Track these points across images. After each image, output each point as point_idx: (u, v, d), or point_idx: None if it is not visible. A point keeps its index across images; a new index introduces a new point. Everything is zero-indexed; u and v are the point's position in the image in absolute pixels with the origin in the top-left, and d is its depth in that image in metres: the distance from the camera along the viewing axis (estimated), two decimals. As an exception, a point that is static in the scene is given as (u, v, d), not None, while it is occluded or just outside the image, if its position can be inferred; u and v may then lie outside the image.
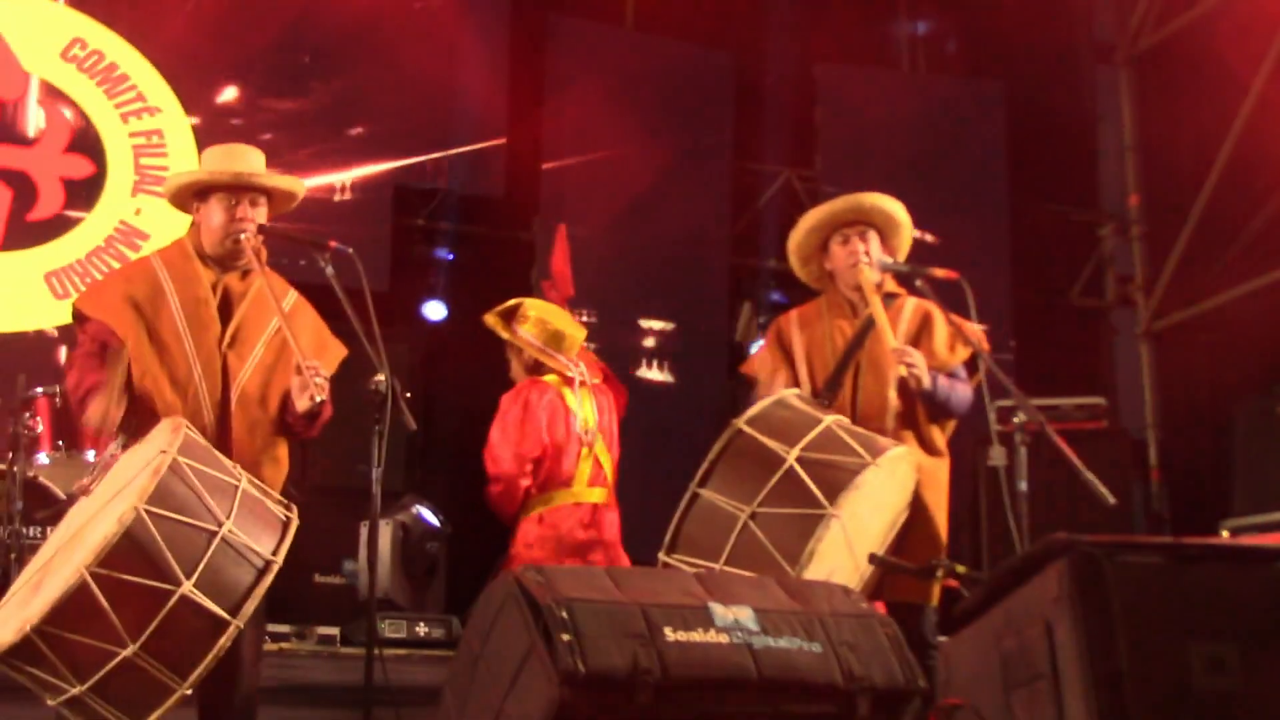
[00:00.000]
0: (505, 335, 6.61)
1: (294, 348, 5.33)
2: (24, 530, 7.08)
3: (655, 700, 3.77)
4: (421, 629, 8.03)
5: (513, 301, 6.68)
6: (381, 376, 5.23)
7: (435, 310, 10.21)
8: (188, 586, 4.47)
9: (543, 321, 6.59)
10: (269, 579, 4.69)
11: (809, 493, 5.17)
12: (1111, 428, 9.90)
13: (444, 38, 9.93)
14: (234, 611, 4.56)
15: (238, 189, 5.48)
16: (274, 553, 4.73)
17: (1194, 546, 3.86)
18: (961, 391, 5.94)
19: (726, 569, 5.09)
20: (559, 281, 7.05)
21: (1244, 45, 10.55)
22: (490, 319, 6.63)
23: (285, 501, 5.01)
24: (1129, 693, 3.50)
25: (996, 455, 6.28)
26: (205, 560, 4.52)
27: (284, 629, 8.16)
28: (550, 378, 6.53)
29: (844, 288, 6.12)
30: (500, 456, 6.43)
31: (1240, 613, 3.68)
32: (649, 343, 9.83)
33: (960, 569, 5.19)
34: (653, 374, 9.63)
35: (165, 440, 4.72)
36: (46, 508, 7.35)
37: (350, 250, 5.41)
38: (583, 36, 9.92)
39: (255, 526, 4.74)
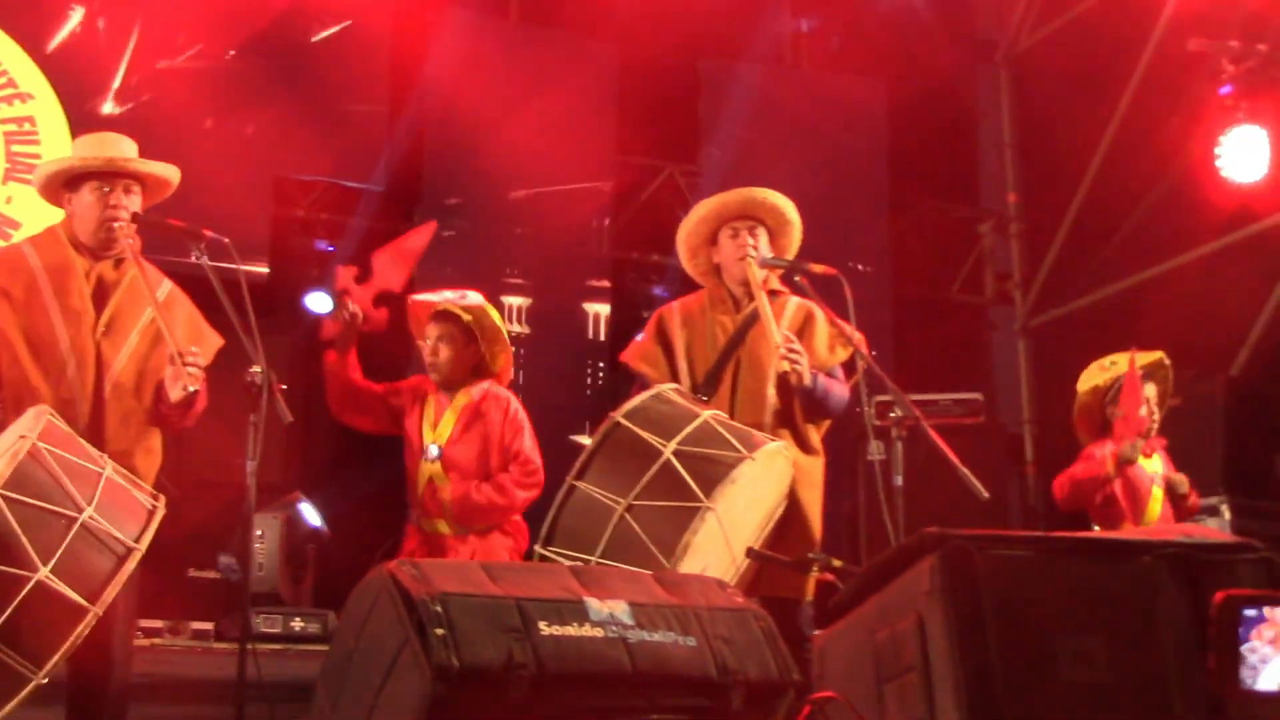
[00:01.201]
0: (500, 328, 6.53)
1: (168, 337, 5.26)
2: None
3: (530, 695, 3.75)
4: (297, 624, 7.93)
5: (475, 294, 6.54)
6: (258, 368, 5.17)
7: (319, 302, 10.09)
8: (44, 573, 4.40)
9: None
10: (130, 565, 4.62)
11: (685, 486, 5.18)
12: (988, 423, 10.00)
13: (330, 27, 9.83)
14: (92, 598, 4.49)
15: (110, 176, 5.41)
16: (137, 540, 4.66)
17: (1063, 541, 3.91)
18: (839, 391, 5.98)
19: (602, 562, 5.08)
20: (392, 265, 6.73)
21: (1120, 46, 10.71)
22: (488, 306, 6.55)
23: (154, 492, 4.95)
24: (998, 685, 3.55)
25: (874, 450, 6.35)
26: (64, 546, 4.45)
27: (157, 624, 8.03)
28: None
29: (729, 282, 6.14)
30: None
31: (1107, 606, 3.73)
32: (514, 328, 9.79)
33: (836, 563, 5.23)
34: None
35: (26, 426, 4.65)
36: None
37: (226, 240, 5.35)
38: (467, 27, 9.85)
39: (118, 513, 4.67)
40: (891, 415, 6.18)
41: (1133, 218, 11.00)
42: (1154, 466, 6.94)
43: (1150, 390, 7.04)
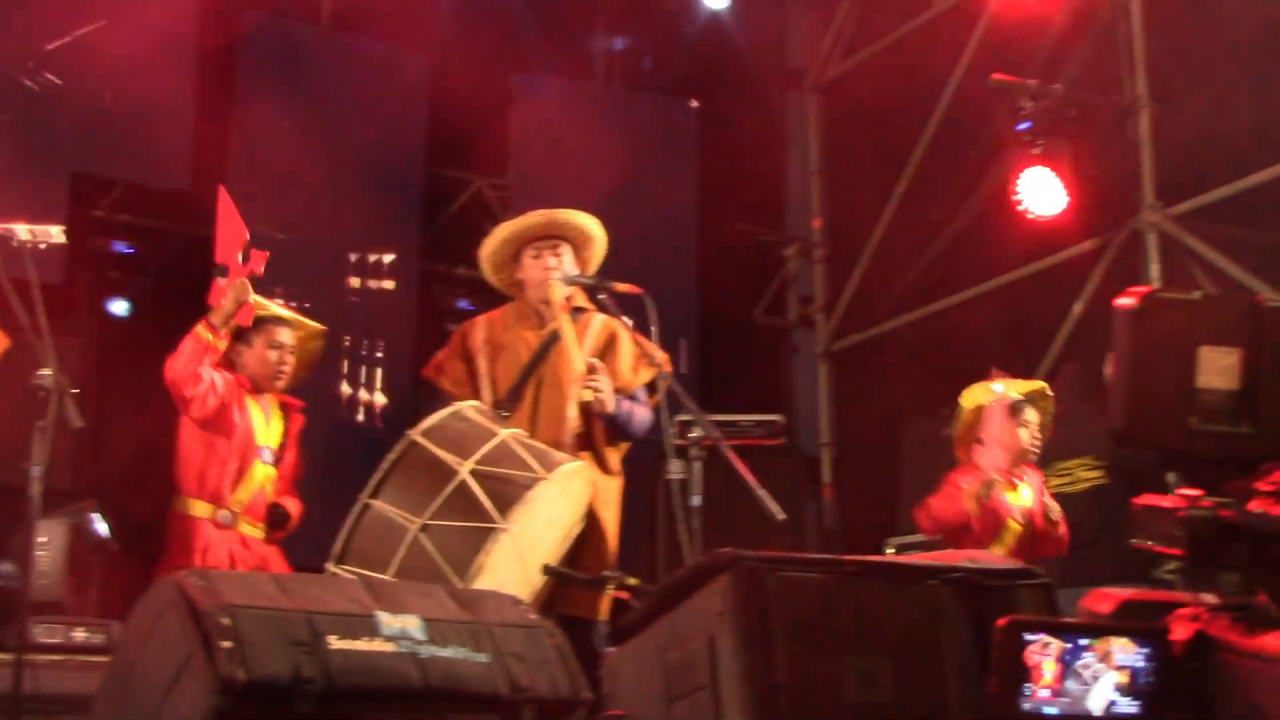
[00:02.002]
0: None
1: None
2: None
3: (317, 709, 3.70)
4: (79, 635, 7.70)
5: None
6: (46, 371, 5.05)
7: (119, 306, 9.84)
8: None
9: None
10: None
11: (480, 506, 5.17)
12: (788, 445, 10.10)
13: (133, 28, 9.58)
14: None
15: None
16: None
17: (852, 564, 3.97)
18: (641, 415, 6.01)
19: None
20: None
21: (926, 77, 10.91)
22: None
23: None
24: (785, 705, 3.58)
25: (675, 469, 6.37)
26: None
27: (-70, 633, 7.76)
28: None
29: (533, 299, 6.14)
30: None
31: (893, 629, 3.80)
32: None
33: (631, 581, 5.27)
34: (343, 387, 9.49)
35: None
36: None
37: (16, 241, 5.22)
38: (275, 32, 9.69)
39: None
40: (691, 435, 6.23)
41: (934, 246, 11.22)
42: (1020, 498, 7.00)
43: (1032, 416, 7.12)
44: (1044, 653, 2.30)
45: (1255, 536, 2.39)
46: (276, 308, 6.52)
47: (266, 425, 6.34)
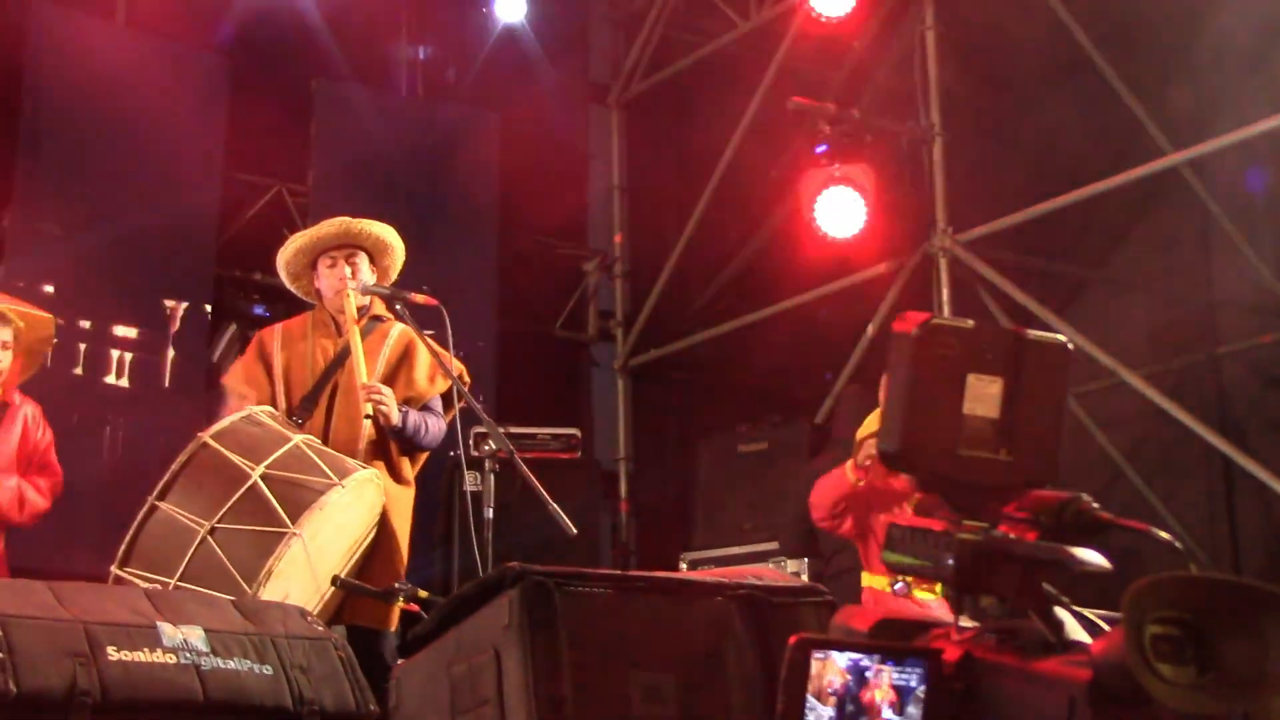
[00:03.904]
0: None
1: None
2: None
3: (94, 722, 3.63)
4: None
5: None
6: None
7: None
8: None
9: None
10: None
11: (272, 510, 5.12)
12: (585, 458, 10.14)
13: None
14: None
15: None
16: None
17: (640, 579, 4.00)
18: (433, 426, 5.99)
19: (181, 585, 4.97)
20: None
21: (728, 97, 11.06)
22: None
23: None
24: (570, 719, 3.60)
25: (470, 480, 6.37)
26: None
27: None
28: None
29: (330, 308, 6.11)
30: None
31: (680, 644, 3.84)
32: (120, 352, 9.42)
33: (422, 594, 5.25)
34: (121, 382, 9.26)
35: None
36: None
37: None
38: (68, 26, 9.43)
39: None
40: (486, 447, 6.23)
41: (732, 264, 11.36)
42: None
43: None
44: (831, 671, 2.35)
45: (1025, 561, 2.47)
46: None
47: None
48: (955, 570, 2.38)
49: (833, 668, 2.34)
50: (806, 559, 8.32)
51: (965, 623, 2.46)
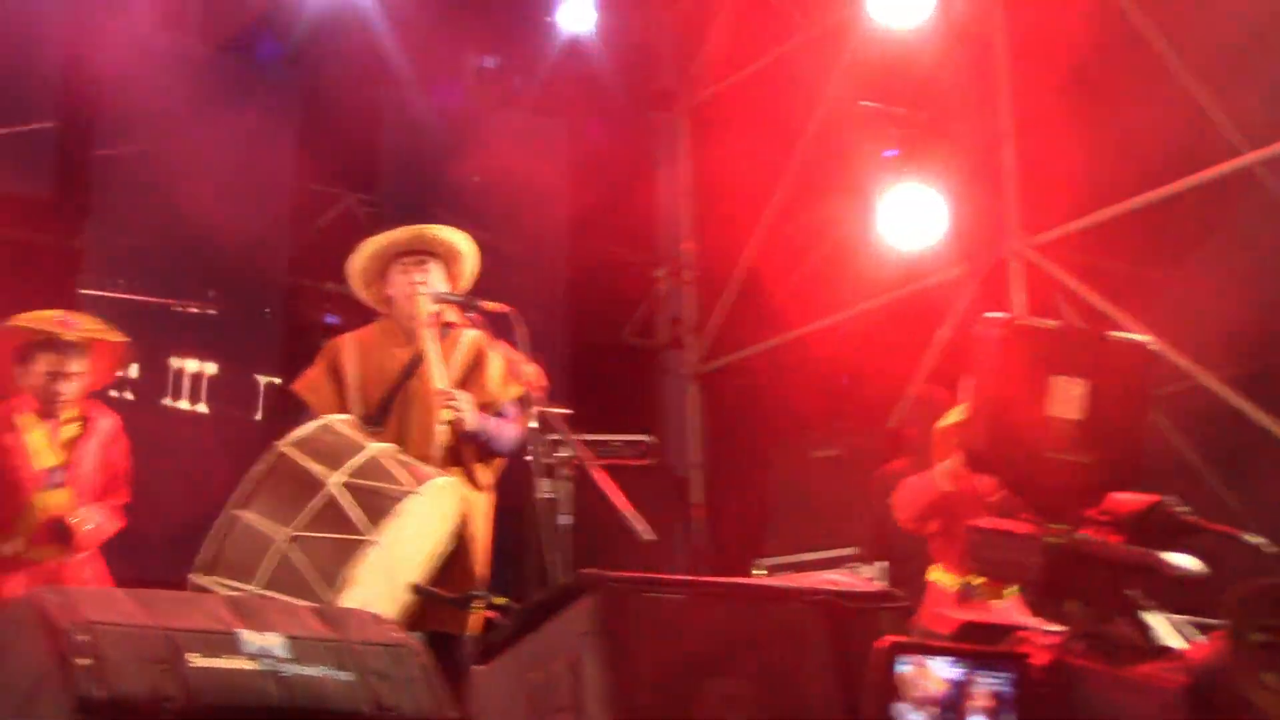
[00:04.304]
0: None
1: None
2: None
3: (176, 728, 3.66)
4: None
5: None
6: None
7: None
8: None
9: None
10: None
11: (349, 519, 5.15)
12: (658, 465, 10.15)
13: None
14: None
15: None
16: None
17: (717, 585, 4.00)
18: (509, 432, 6.00)
19: (262, 593, 5.00)
20: None
21: (797, 102, 11.02)
22: None
23: None
24: (647, 727, 3.60)
25: (544, 488, 6.37)
26: None
27: None
28: None
29: (402, 315, 6.12)
30: None
31: (757, 651, 3.83)
32: (190, 365, 9.52)
33: (498, 600, 5.27)
34: (182, 404, 9.36)
35: None
36: None
37: None
38: (146, 43, 9.55)
39: None
40: (560, 454, 6.24)
41: (802, 270, 11.32)
42: None
43: None
44: (927, 679, 2.34)
45: (1112, 565, 2.44)
46: (52, 324, 6.41)
47: (48, 447, 6.26)
48: (1041, 574, 2.36)
49: (929, 675, 2.32)
50: (883, 563, 8.29)
51: (1049, 626, 2.43)
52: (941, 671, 2.37)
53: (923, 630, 2.71)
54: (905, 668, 2.33)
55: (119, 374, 6.69)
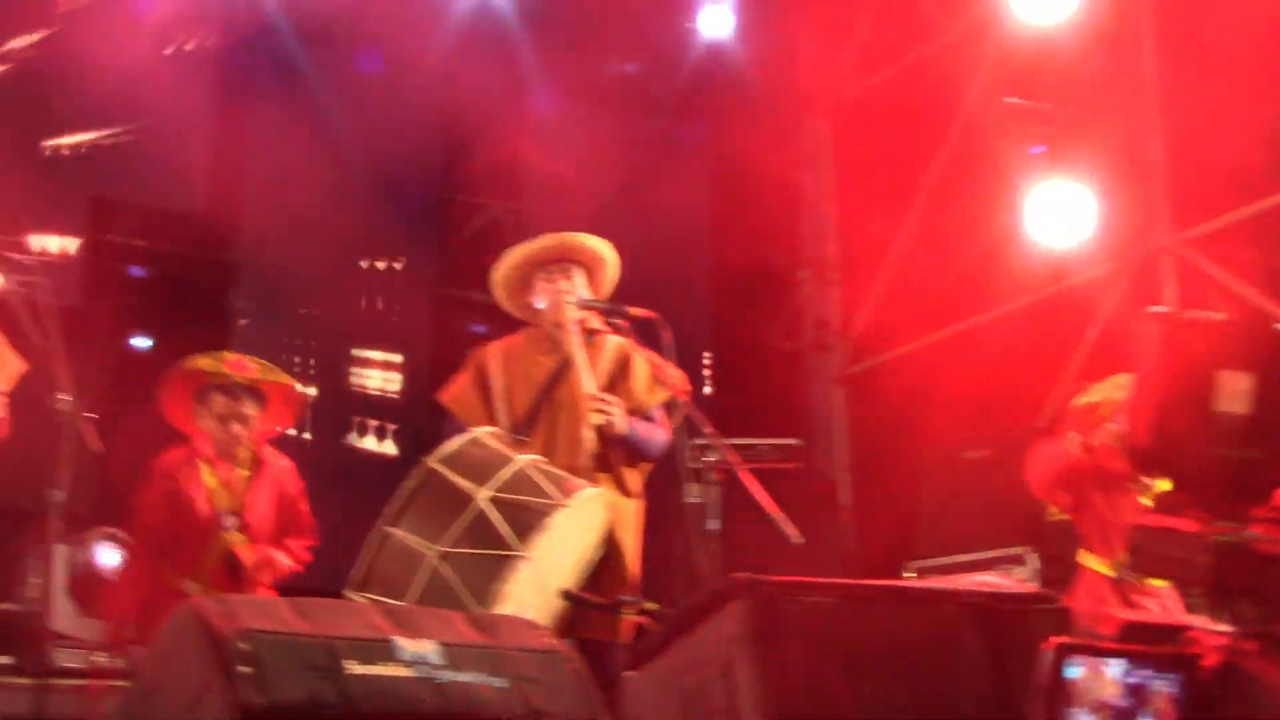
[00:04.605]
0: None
1: None
2: None
3: (335, 734, 3.71)
4: (99, 659, 7.74)
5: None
6: (64, 395, 5.07)
7: (140, 341, 9.90)
8: None
9: None
10: None
11: (499, 534, 5.18)
12: (805, 468, 10.11)
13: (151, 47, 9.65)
14: None
15: None
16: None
17: (869, 588, 3.97)
18: (657, 437, 6.01)
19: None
20: None
21: (940, 101, 10.93)
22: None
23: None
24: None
25: (692, 492, 6.36)
26: None
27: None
28: None
29: (547, 323, 6.15)
30: None
31: (910, 653, 3.80)
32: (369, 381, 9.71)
33: (650, 605, 5.27)
34: (368, 443, 9.55)
35: None
36: None
37: (36, 261, 5.24)
38: (290, 57, 9.75)
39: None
40: (707, 459, 6.22)
41: (948, 271, 11.21)
42: None
43: None
44: (1103, 684, 2.29)
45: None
46: (226, 370, 6.54)
47: (223, 489, 6.39)
48: (1211, 572, 2.30)
49: (1102, 679, 2.28)
50: (1035, 554, 8.22)
51: (1217, 626, 2.38)
52: (1114, 674, 2.31)
53: (1085, 629, 2.66)
54: (1076, 671, 2.28)
55: (296, 420, 6.77)
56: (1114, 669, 2.32)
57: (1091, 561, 6.37)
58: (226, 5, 9.75)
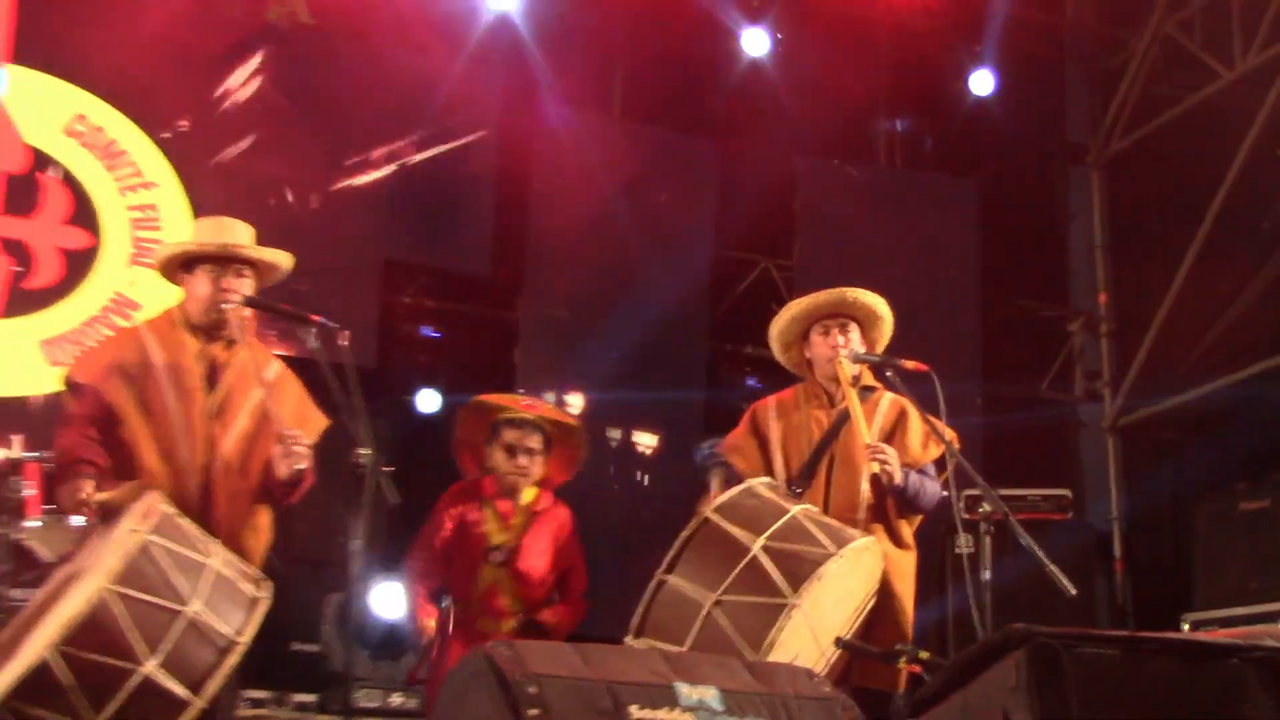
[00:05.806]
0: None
1: (274, 418, 5.42)
2: (8, 592, 7.09)
3: (620, 776, 3.82)
4: (396, 699, 8.03)
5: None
6: (364, 450, 5.27)
7: (429, 400, 10.22)
8: (151, 666, 4.56)
9: None
10: (233, 659, 4.76)
11: (772, 582, 5.22)
12: (1076, 519, 9.99)
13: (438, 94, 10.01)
14: (196, 690, 4.64)
15: (223, 260, 5.59)
16: (240, 633, 4.80)
17: (1151, 640, 3.92)
18: (931, 489, 6.02)
19: (691, 655, 5.13)
20: None
21: (1212, 150, 10.76)
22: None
23: (258, 578, 5.06)
24: (1083, 782, 3.57)
25: (963, 543, 6.37)
26: (169, 640, 4.61)
27: (261, 694, 8.15)
28: None
29: (822, 378, 6.21)
30: None
31: (1194, 708, 3.75)
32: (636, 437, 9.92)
33: (924, 655, 5.27)
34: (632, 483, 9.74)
35: (138, 519, 4.80)
36: (32, 570, 7.35)
37: (336, 325, 5.47)
38: (570, 123, 10.06)
39: (223, 606, 4.81)
40: (980, 510, 6.23)
41: (1223, 319, 11.00)
42: None
43: None
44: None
45: None
46: (517, 408, 6.73)
47: (499, 526, 6.58)
48: None
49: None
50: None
51: None
52: None
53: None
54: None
55: (578, 468, 6.95)
56: None
57: None
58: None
